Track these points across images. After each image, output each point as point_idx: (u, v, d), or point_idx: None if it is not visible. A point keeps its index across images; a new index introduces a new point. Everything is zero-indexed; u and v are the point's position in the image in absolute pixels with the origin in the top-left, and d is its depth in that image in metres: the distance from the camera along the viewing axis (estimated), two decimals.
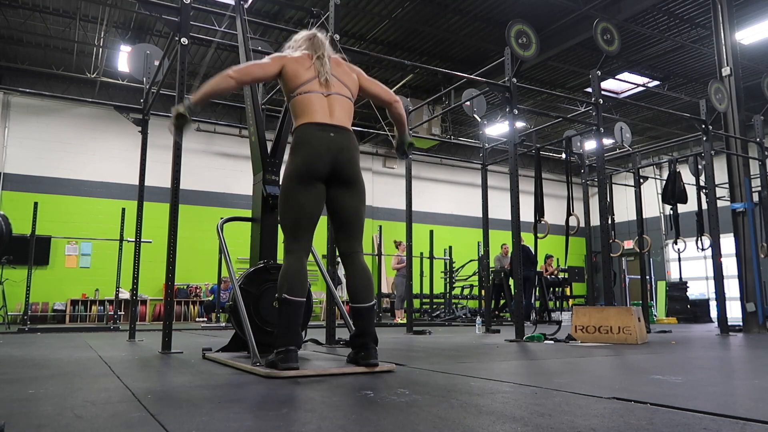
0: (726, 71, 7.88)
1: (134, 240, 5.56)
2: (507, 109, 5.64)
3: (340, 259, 2.75)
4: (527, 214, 6.76)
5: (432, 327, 8.12)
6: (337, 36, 4.66)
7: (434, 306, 12.50)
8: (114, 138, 12.33)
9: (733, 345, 4.68)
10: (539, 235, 5.79)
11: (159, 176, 10.01)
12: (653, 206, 15.34)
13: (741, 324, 7.26)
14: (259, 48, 5.64)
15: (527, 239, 8.90)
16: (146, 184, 5.68)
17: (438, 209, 16.05)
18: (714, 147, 7.15)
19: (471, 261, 12.81)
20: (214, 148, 13.56)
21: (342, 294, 10.91)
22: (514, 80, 5.61)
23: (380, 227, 12.13)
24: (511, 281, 9.33)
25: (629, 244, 12.18)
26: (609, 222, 6.95)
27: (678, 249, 7.84)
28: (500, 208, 9.79)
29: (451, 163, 16.05)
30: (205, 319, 11.16)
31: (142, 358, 3.35)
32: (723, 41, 8.02)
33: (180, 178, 3.85)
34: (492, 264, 9.45)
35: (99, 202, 12.14)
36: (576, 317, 4.94)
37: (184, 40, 3.97)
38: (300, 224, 2.54)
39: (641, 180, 8.77)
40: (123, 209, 8.87)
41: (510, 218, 5.51)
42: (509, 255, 10.44)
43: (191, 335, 6.08)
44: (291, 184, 2.54)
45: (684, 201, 7.57)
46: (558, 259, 12.55)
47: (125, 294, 10.61)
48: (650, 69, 12.30)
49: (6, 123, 11.63)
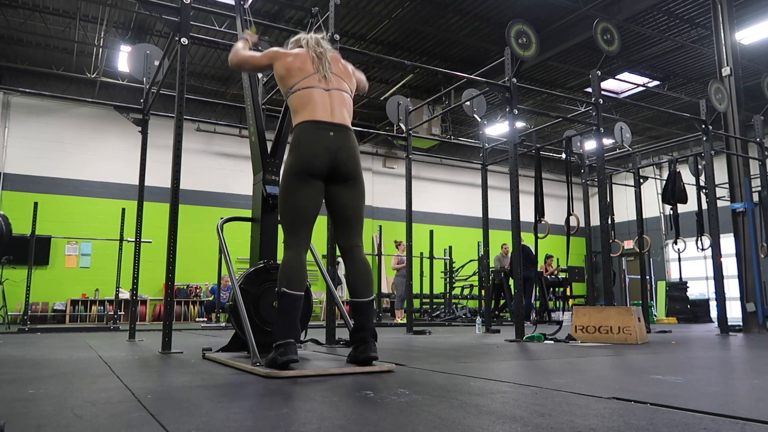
0: (726, 71, 7.88)
1: (134, 240, 5.56)
2: (507, 109, 5.64)
3: (340, 255, 2.77)
4: (527, 214, 6.77)
5: (432, 327, 8.12)
6: (338, 36, 4.67)
7: (434, 306, 12.50)
8: (114, 138, 12.34)
9: (733, 345, 4.68)
10: (539, 235, 5.79)
11: (159, 176, 10.01)
12: (653, 206, 15.34)
13: (741, 324, 7.27)
14: (260, 48, 5.65)
15: (527, 239, 8.90)
16: (146, 184, 5.68)
17: (438, 209, 16.06)
18: (714, 147, 7.15)
19: (471, 261, 12.82)
20: (214, 148, 13.56)
21: (342, 294, 10.93)
22: (514, 80, 5.62)
23: (380, 227, 12.13)
24: (511, 281, 9.33)
25: (629, 244, 12.19)
26: (609, 222, 6.95)
27: (678, 249, 7.84)
28: (500, 208, 9.81)
29: (451, 163, 16.05)
30: (205, 319, 11.17)
31: (142, 358, 3.35)
32: (723, 41, 8.02)
33: (180, 178, 3.85)
34: (492, 264, 9.45)
35: (99, 202, 12.14)
36: (576, 317, 4.94)
37: (184, 40, 3.97)
38: (298, 221, 2.57)
39: (641, 180, 8.77)
40: (123, 209, 8.87)
41: (510, 218, 5.52)
42: (509, 255, 10.45)
43: (191, 335, 6.08)
44: (289, 182, 2.57)
45: (684, 201, 7.57)
46: (558, 259, 12.55)
47: (125, 294, 10.61)
48: (650, 69, 12.30)
49: (6, 123, 11.63)
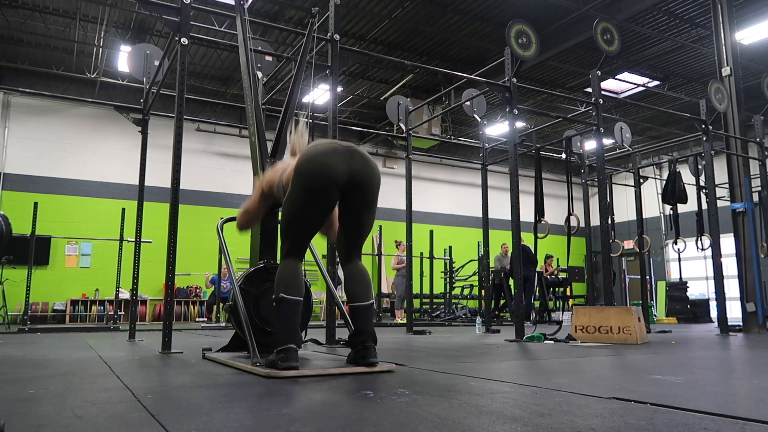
0: (726, 71, 7.88)
1: (134, 240, 5.56)
2: (507, 109, 5.64)
3: (340, 263, 2.77)
4: (527, 214, 6.77)
5: (432, 327, 8.12)
6: (337, 36, 4.67)
7: (434, 306, 12.49)
8: (114, 138, 12.33)
9: (733, 345, 4.68)
10: (539, 235, 5.79)
11: (159, 176, 10.01)
12: (653, 206, 15.34)
13: (741, 324, 7.27)
14: (259, 48, 5.65)
15: (527, 239, 8.89)
16: (146, 184, 5.68)
17: (438, 209, 16.05)
18: (714, 147, 7.15)
19: (471, 261, 12.81)
20: (214, 148, 13.56)
21: (342, 294, 10.92)
22: (514, 80, 5.62)
23: (380, 227, 12.12)
24: (511, 281, 9.32)
25: (629, 244, 12.19)
26: (609, 222, 6.95)
27: (678, 249, 7.84)
28: (500, 208, 9.80)
29: (451, 163, 16.05)
30: (205, 319, 11.17)
31: (142, 358, 3.35)
32: (723, 41, 8.02)
33: (180, 178, 3.85)
34: (492, 264, 9.45)
35: (99, 202, 12.14)
36: (576, 317, 4.94)
37: (184, 40, 3.97)
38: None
39: (641, 180, 8.76)
40: (123, 209, 8.87)
41: (510, 218, 5.52)
42: (509, 255, 10.44)
43: (191, 335, 6.08)
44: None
45: (684, 201, 7.57)
46: (558, 259, 12.55)
47: (125, 294, 10.61)
48: (650, 69, 12.30)
49: (6, 123, 11.63)
